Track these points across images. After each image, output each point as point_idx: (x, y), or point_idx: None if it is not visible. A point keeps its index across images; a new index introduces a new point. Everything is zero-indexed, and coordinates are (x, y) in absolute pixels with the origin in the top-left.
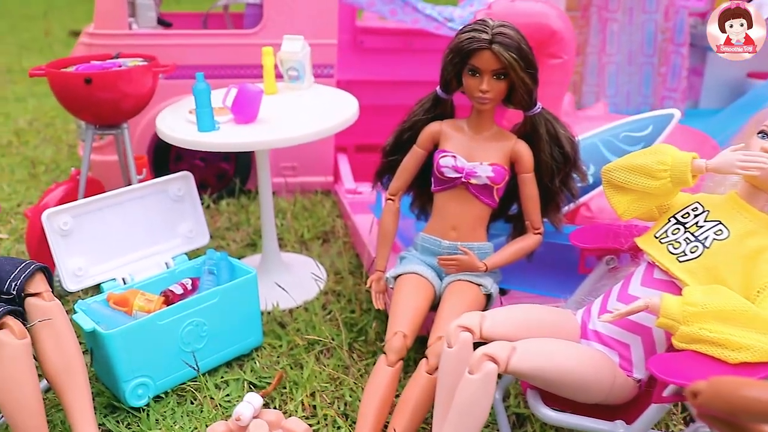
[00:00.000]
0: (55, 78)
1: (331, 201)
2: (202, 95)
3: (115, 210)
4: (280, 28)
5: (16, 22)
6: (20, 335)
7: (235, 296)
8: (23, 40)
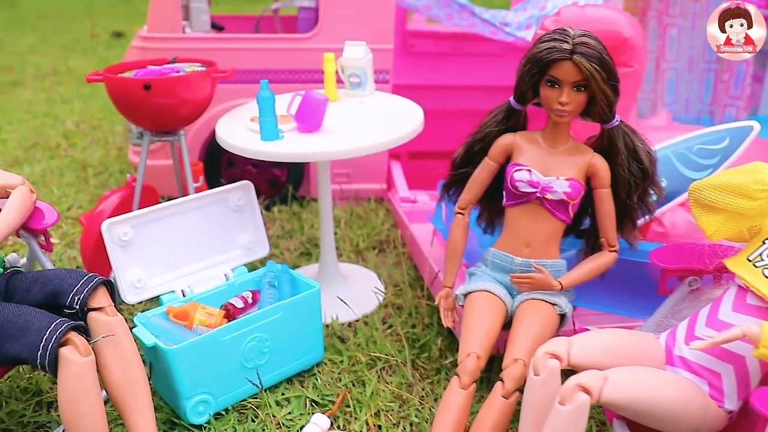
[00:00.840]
0: (113, 83)
1: (384, 209)
2: (266, 103)
3: (174, 220)
4: (336, 32)
5: (59, 23)
6: (85, 352)
7: (297, 311)
8: (67, 41)
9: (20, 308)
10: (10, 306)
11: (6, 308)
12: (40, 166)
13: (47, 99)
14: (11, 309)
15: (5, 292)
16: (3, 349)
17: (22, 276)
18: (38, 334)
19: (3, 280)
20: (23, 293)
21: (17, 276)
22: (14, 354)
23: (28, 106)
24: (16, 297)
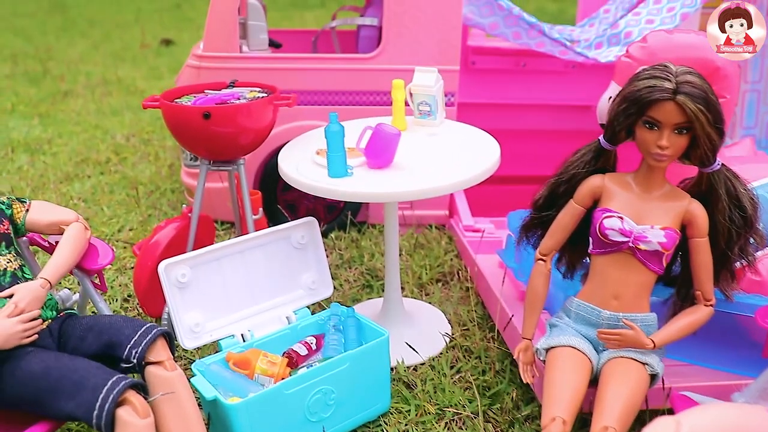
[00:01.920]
0: (170, 111)
1: (446, 237)
2: (335, 138)
3: (234, 259)
4: (400, 52)
5: (109, 30)
6: (143, 414)
7: (366, 361)
8: (116, 48)
9: (75, 361)
10: (65, 358)
11: (60, 360)
12: (90, 182)
13: (97, 110)
14: (66, 362)
15: (59, 337)
16: (57, 406)
17: (76, 321)
18: (94, 393)
19: (56, 325)
20: (77, 341)
21: (71, 320)
22: (69, 412)
23: (78, 118)
24: (69, 344)
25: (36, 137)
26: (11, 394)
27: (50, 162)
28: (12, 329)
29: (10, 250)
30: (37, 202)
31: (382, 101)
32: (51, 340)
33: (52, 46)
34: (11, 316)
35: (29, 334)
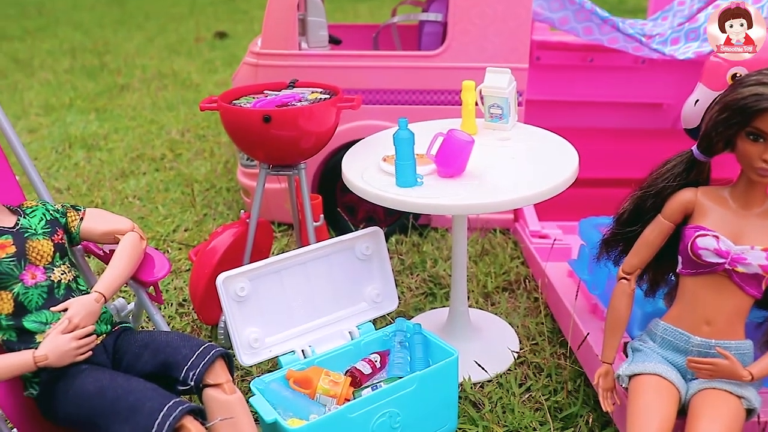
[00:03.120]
0: (229, 113)
1: (511, 242)
2: (404, 145)
3: (295, 271)
4: (466, 50)
5: (164, 23)
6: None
7: (434, 382)
8: (171, 41)
9: (130, 382)
10: (120, 378)
11: (115, 381)
12: (145, 179)
13: (152, 105)
14: (121, 383)
15: (113, 353)
16: (111, 429)
17: (132, 337)
18: (150, 418)
19: (111, 340)
20: (132, 358)
21: (126, 336)
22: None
23: (133, 113)
24: (124, 361)
25: (93, 133)
26: (65, 412)
27: (106, 158)
28: (66, 346)
29: (65, 260)
30: (92, 210)
31: (446, 101)
32: (105, 357)
33: (109, 40)
34: (65, 332)
35: (83, 351)
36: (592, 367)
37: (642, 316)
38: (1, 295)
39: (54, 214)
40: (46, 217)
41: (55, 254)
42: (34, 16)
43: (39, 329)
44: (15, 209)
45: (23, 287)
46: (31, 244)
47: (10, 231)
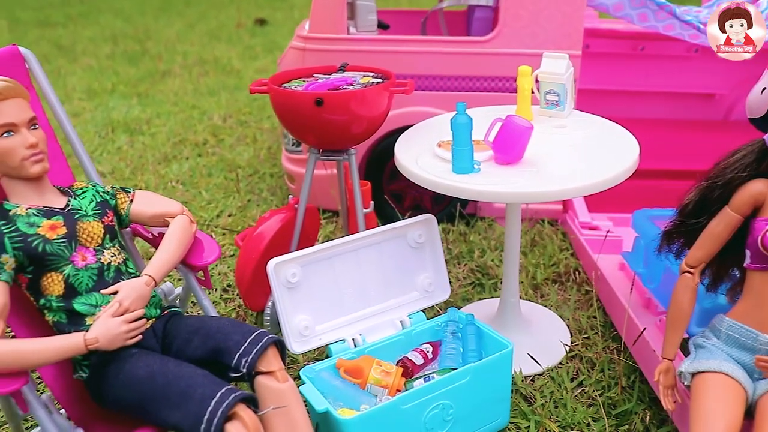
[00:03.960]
0: (279, 96)
1: (560, 233)
2: (462, 130)
3: (346, 258)
4: (518, 35)
5: (205, 10)
6: (254, 430)
7: (487, 374)
8: (212, 27)
9: (181, 368)
10: (170, 363)
11: (166, 366)
12: (188, 164)
13: (194, 90)
14: (172, 368)
15: (162, 337)
16: (162, 415)
17: (181, 322)
18: (201, 405)
19: (160, 324)
20: (182, 343)
21: (176, 320)
22: (174, 422)
23: (175, 98)
24: (174, 346)
25: (135, 117)
26: (114, 396)
27: (149, 142)
28: (117, 330)
29: (114, 243)
30: (142, 192)
31: (496, 87)
32: (155, 341)
33: (150, 26)
34: (116, 315)
35: (133, 335)
36: (648, 364)
37: (700, 312)
38: (52, 276)
39: (104, 196)
40: (96, 199)
41: (105, 236)
42: (76, 3)
43: (89, 312)
44: (65, 190)
45: (74, 269)
46: (81, 225)
47: (61, 212)
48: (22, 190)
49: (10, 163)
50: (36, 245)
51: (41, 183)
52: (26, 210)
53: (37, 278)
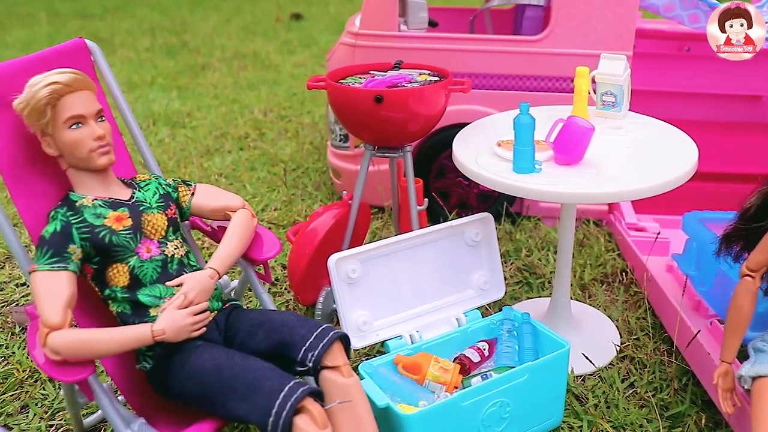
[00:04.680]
0: (338, 92)
1: (605, 233)
2: (525, 130)
3: (404, 255)
4: (569, 35)
5: (240, 4)
6: (322, 424)
7: (544, 373)
8: (247, 22)
9: (248, 361)
10: (236, 356)
11: (232, 359)
12: (231, 157)
13: (234, 84)
14: (238, 361)
15: (225, 330)
16: (228, 407)
17: (243, 315)
18: (270, 397)
19: (222, 317)
20: (245, 336)
21: (237, 313)
22: (241, 414)
23: (215, 92)
24: (237, 339)
25: (176, 110)
26: (178, 387)
27: (190, 135)
28: (182, 322)
29: (177, 235)
30: (203, 186)
31: (546, 87)
32: (218, 334)
33: (186, 20)
34: (181, 307)
35: (198, 327)
36: (702, 367)
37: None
38: (117, 267)
39: (166, 189)
40: (160, 191)
41: (168, 228)
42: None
43: (153, 303)
44: (129, 182)
45: (139, 260)
46: (146, 217)
47: (126, 204)
48: (89, 182)
49: (78, 154)
50: (103, 236)
51: (106, 175)
52: (92, 201)
53: (102, 269)
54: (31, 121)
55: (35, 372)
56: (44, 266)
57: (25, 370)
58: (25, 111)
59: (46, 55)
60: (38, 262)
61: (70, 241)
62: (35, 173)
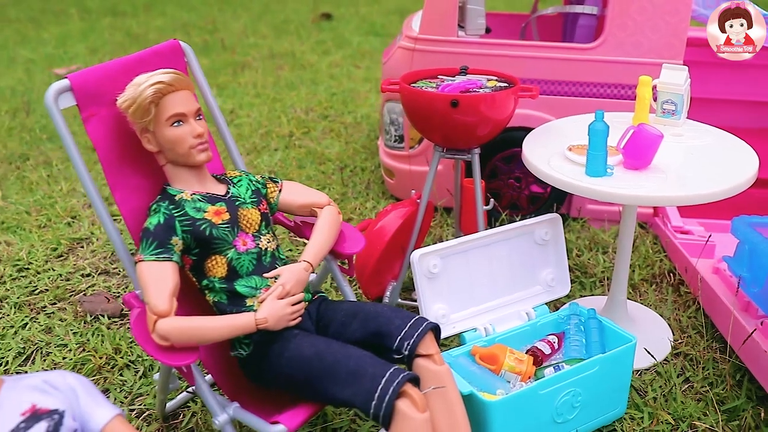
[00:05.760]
0: (414, 96)
1: (651, 235)
2: (599, 136)
3: (479, 252)
4: (622, 45)
5: (268, 3)
6: (422, 407)
7: (612, 365)
8: (277, 21)
9: (347, 349)
10: (335, 345)
11: (331, 346)
12: (278, 155)
13: (274, 83)
14: (338, 348)
15: (317, 320)
16: (330, 392)
17: (335, 305)
18: (373, 382)
19: (314, 308)
20: (339, 326)
21: (327, 304)
22: (344, 399)
23: (255, 90)
24: (331, 328)
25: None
26: (277, 373)
27: (235, 133)
28: (282, 311)
29: (269, 230)
30: (289, 183)
31: (598, 93)
32: (310, 323)
33: (216, 18)
34: (280, 298)
35: (295, 317)
36: (757, 364)
37: None
38: (216, 259)
39: (256, 185)
40: (251, 188)
41: (261, 223)
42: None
43: (250, 293)
44: (222, 178)
45: (236, 253)
46: (242, 212)
47: (223, 198)
48: (186, 177)
49: (179, 150)
50: (204, 229)
51: (202, 171)
52: (191, 195)
53: (201, 260)
54: (136, 119)
55: (111, 359)
56: (150, 257)
57: (102, 356)
58: (131, 108)
59: (144, 55)
60: (143, 252)
61: (173, 233)
62: (132, 167)
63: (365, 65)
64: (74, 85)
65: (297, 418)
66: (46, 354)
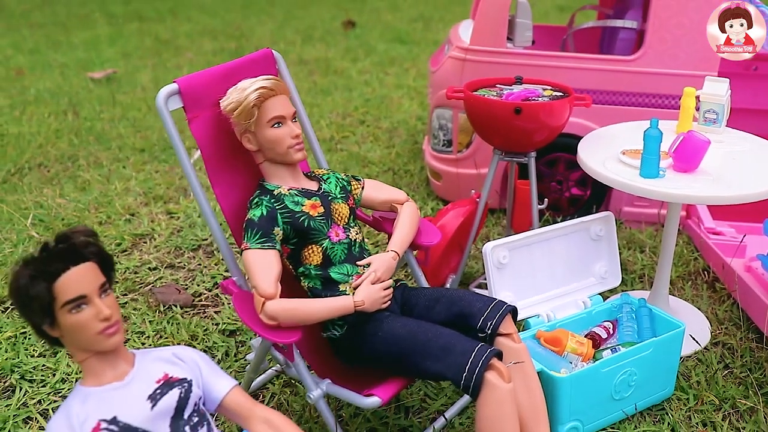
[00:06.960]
0: (478, 103)
1: (684, 236)
2: (653, 141)
3: (542, 246)
4: (660, 57)
5: (289, 9)
6: (508, 378)
7: (664, 349)
8: (301, 28)
9: (437, 328)
10: (425, 324)
11: (422, 326)
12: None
13: (309, 89)
14: (428, 328)
15: (402, 304)
16: (422, 366)
17: (417, 291)
18: (463, 357)
19: (398, 293)
20: (423, 310)
21: (409, 290)
22: (435, 372)
23: None
24: (415, 312)
25: None
26: (370, 351)
27: None
28: (377, 295)
29: (356, 223)
30: (370, 180)
31: (638, 102)
32: (396, 306)
33: (241, 24)
34: (373, 283)
35: (387, 300)
36: None
37: None
38: (312, 248)
39: (343, 182)
40: (340, 184)
41: (350, 216)
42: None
43: (343, 279)
44: (312, 175)
45: (330, 243)
46: (334, 206)
47: (317, 194)
48: (283, 174)
49: (278, 150)
50: (302, 221)
51: (296, 168)
52: (288, 190)
53: (298, 249)
54: (240, 120)
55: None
56: (256, 245)
57: (179, 343)
58: (236, 111)
59: (240, 63)
60: (249, 241)
61: (275, 224)
62: (229, 164)
63: (394, 72)
64: (182, 89)
65: (389, 390)
66: (125, 341)
